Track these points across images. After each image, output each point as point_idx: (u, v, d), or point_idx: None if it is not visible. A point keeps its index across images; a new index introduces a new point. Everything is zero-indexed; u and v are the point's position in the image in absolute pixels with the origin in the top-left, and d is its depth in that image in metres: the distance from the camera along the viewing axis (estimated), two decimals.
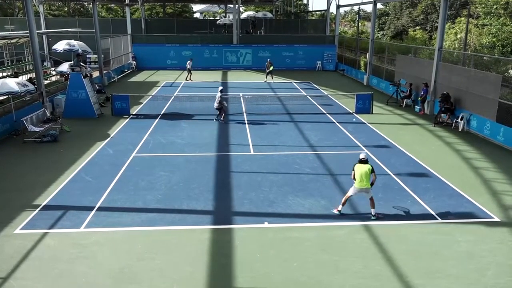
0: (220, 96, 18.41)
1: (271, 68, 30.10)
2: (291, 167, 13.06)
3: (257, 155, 14.27)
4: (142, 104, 22.39)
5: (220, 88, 18.99)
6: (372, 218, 9.71)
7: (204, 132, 16.96)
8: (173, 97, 23.56)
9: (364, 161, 9.68)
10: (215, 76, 33.41)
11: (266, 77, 30.60)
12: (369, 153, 14.34)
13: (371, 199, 9.76)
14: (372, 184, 9.66)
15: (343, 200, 9.96)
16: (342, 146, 15.24)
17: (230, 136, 16.45)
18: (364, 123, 18.72)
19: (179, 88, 27.84)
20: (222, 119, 18.55)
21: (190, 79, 30.48)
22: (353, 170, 9.75)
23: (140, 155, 14.14)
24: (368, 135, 16.73)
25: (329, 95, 24.84)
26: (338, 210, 9.96)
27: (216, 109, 18.56)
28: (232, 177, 12.23)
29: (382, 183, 11.69)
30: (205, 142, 15.62)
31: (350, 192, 9.86)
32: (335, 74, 35.58)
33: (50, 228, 9.23)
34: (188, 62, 30.72)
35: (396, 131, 17.42)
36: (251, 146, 15.21)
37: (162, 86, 28.53)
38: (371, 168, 9.62)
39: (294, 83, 30.11)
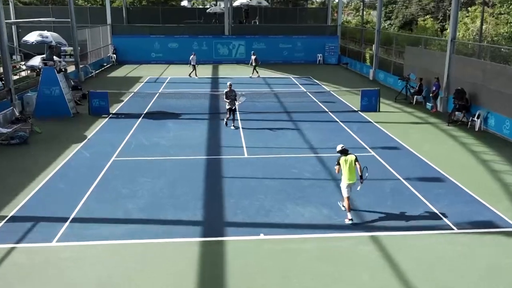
0: (225, 92, 17.61)
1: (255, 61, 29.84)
2: (289, 171, 12.99)
3: (251, 158, 14.20)
4: (123, 102, 22.28)
5: (229, 83, 18.07)
6: (348, 222, 9.82)
7: (193, 133, 16.87)
8: (158, 94, 23.45)
9: (345, 151, 9.92)
10: (206, 71, 33.25)
11: (256, 72, 30.18)
12: (375, 155, 14.32)
13: (348, 198, 9.89)
14: (361, 177, 9.85)
15: (346, 207, 9.94)
16: None
17: (222, 138, 16.37)
18: (370, 122, 18.71)
19: (164, 84, 27.75)
20: (232, 120, 17.72)
21: (190, 75, 29.91)
22: (338, 164, 9.90)
23: (121, 159, 14.03)
24: (375, 135, 16.71)
25: (331, 91, 24.87)
26: (349, 219, 9.89)
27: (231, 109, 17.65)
28: (224, 183, 12.15)
29: (390, 188, 11.70)
30: (194, 144, 15.53)
31: (345, 193, 9.92)
32: (337, 68, 35.64)
33: (18, 242, 9.07)
34: (191, 57, 29.87)
35: (405, 131, 17.42)
36: (244, 148, 15.14)
37: (146, 82, 28.46)
38: (355, 157, 9.88)
39: (292, 78, 30.10)
